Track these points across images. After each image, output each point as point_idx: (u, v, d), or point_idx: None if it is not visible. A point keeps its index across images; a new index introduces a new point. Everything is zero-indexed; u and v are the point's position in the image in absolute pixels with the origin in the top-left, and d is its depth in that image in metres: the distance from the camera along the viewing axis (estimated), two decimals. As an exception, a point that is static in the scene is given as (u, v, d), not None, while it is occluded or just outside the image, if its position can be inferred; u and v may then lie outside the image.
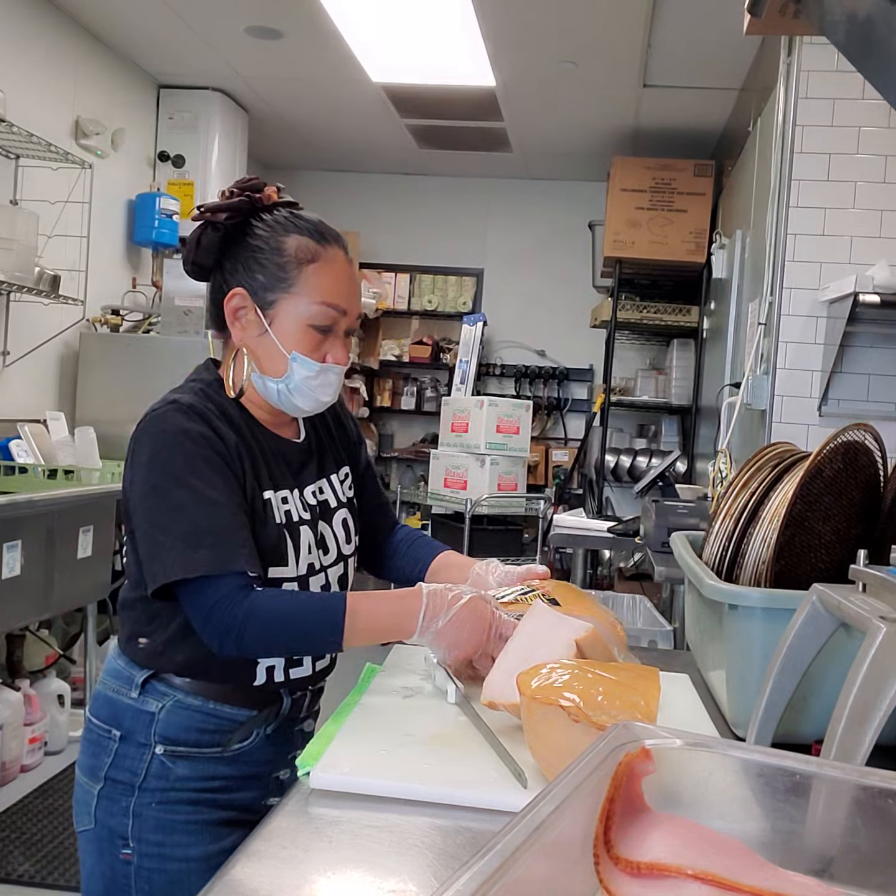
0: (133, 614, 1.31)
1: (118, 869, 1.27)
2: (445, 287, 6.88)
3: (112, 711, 1.30)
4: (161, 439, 1.24)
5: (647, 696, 0.99)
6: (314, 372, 1.30)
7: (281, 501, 1.32)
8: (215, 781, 1.30)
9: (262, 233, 1.30)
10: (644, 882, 0.57)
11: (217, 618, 1.18)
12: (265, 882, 0.82)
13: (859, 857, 0.61)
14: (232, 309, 1.32)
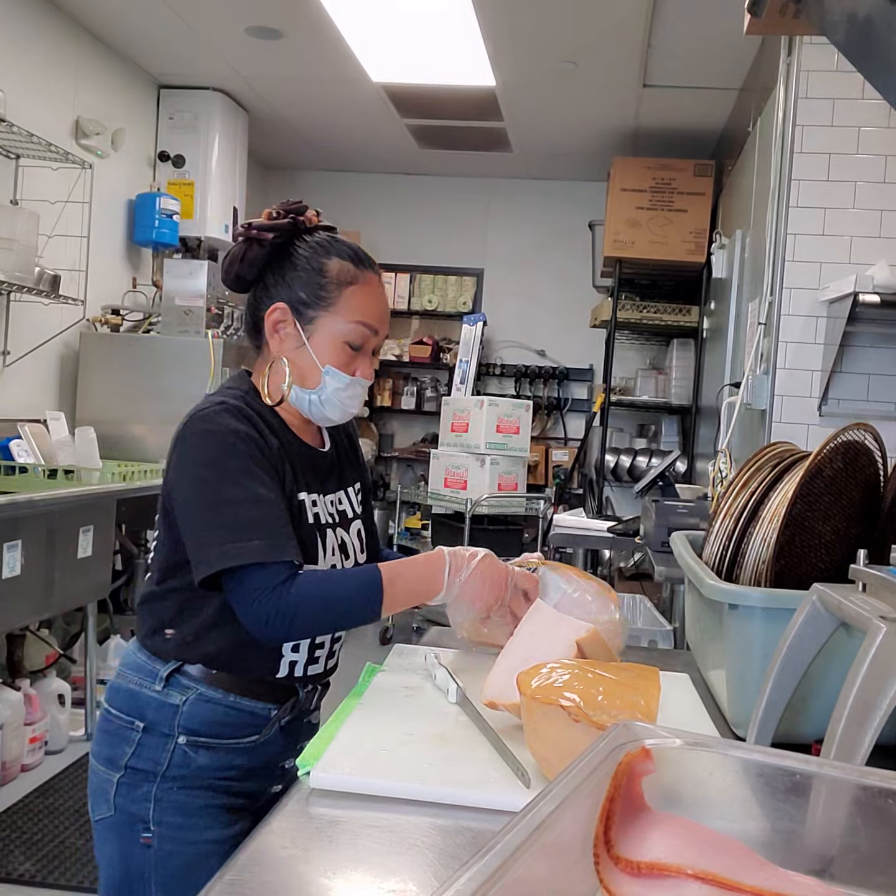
0: (160, 606, 1.36)
1: (137, 853, 1.32)
2: (445, 287, 6.88)
3: (135, 704, 1.35)
4: (212, 438, 1.29)
5: (648, 695, 0.99)
6: (345, 385, 1.39)
7: (311, 504, 1.39)
8: (232, 771, 1.36)
9: (304, 253, 1.39)
10: (644, 882, 0.57)
11: (267, 604, 1.23)
12: (266, 882, 0.82)
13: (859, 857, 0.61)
14: (273, 321, 1.40)
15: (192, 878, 1.28)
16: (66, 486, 3.62)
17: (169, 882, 1.31)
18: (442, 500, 5.14)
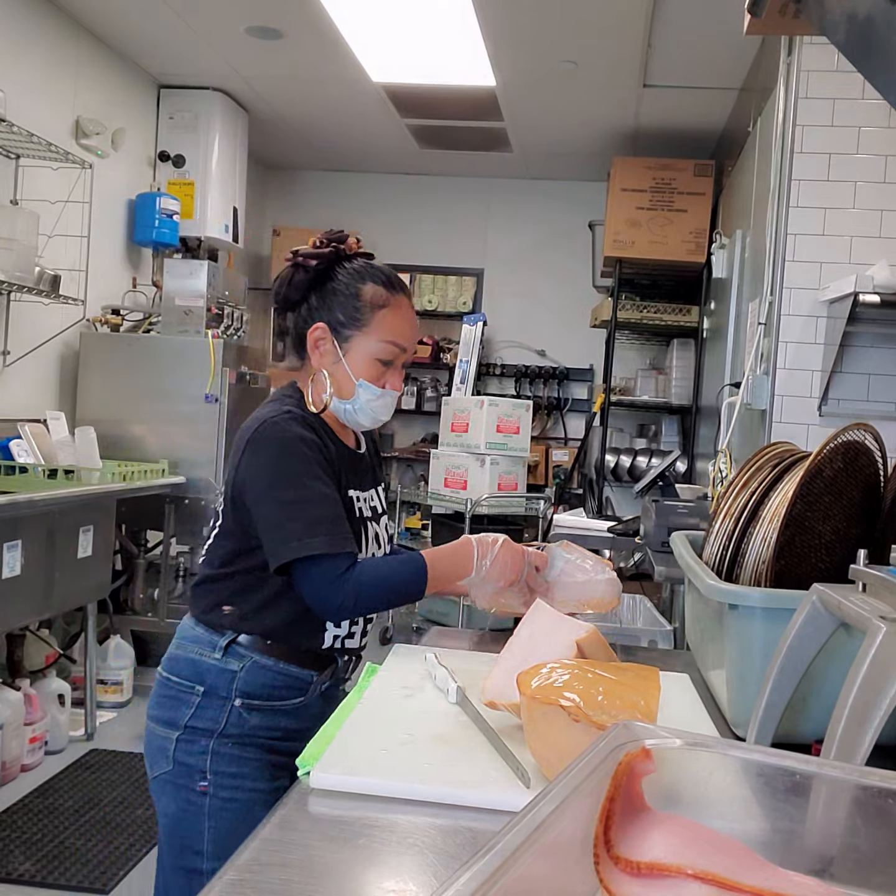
0: (220, 586, 1.55)
1: (194, 801, 1.49)
2: (445, 287, 6.89)
3: (195, 671, 1.52)
4: (282, 444, 1.48)
5: (648, 695, 0.99)
6: (376, 396, 1.59)
7: (356, 499, 1.59)
8: (278, 731, 1.54)
9: (343, 279, 1.58)
10: (644, 882, 0.57)
11: (335, 591, 1.42)
12: (265, 882, 0.82)
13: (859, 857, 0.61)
14: (314, 339, 1.58)
15: (242, 823, 1.43)
16: (66, 486, 3.62)
17: (221, 825, 1.48)
18: (442, 500, 5.14)
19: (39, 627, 3.93)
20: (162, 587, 4.39)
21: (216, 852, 1.47)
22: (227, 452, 4.34)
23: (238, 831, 1.39)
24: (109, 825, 3.04)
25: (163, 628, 4.37)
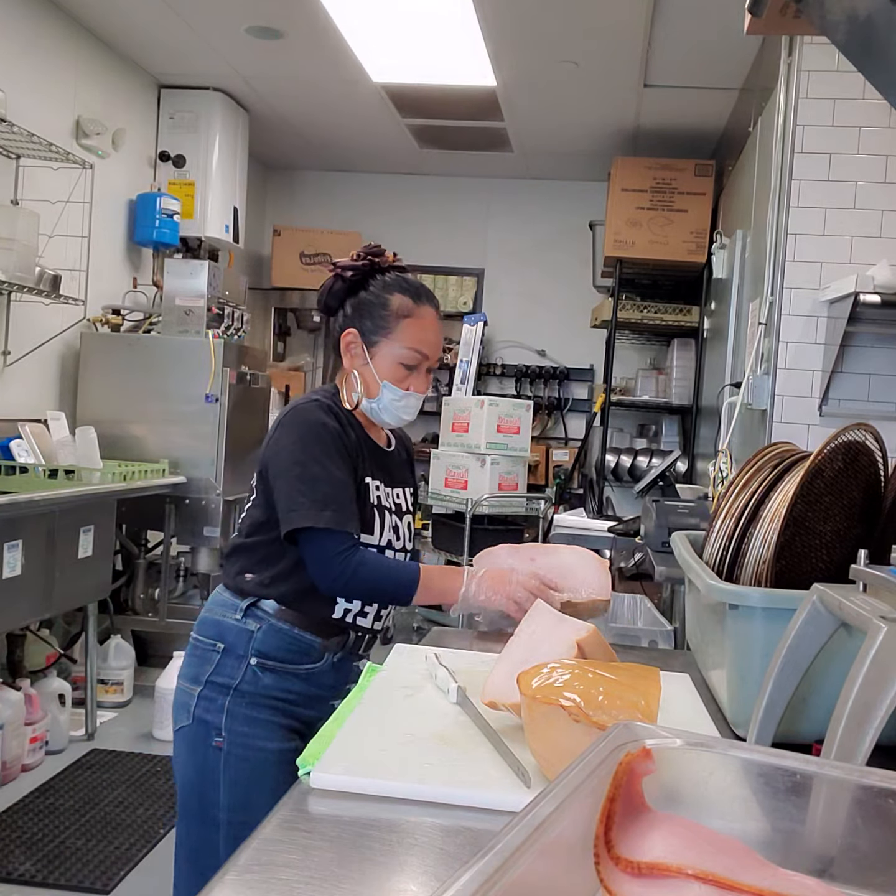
0: (245, 555, 1.71)
1: (210, 756, 1.62)
2: (446, 287, 6.88)
3: (218, 630, 1.68)
4: (306, 427, 1.65)
5: (648, 695, 0.99)
6: (399, 397, 1.74)
7: (374, 488, 1.73)
8: (290, 694, 1.67)
9: (374, 290, 1.74)
10: (645, 882, 0.57)
11: (334, 565, 1.59)
12: (265, 882, 0.82)
13: (860, 857, 0.61)
14: (346, 343, 1.76)
15: (255, 779, 1.61)
16: (67, 486, 3.62)
17: (236, 780, 1.60)
18: (442, 500, 5.14)
19: (40, 627, 3.93)
20: (162, 587, 4.39)
21: (231, 804, 1.60)
22: (227, 452, 4.36)
23: (252, 785, 1.62)
24: (110, 825, 3.04)
25: (163, 628, 4.37)
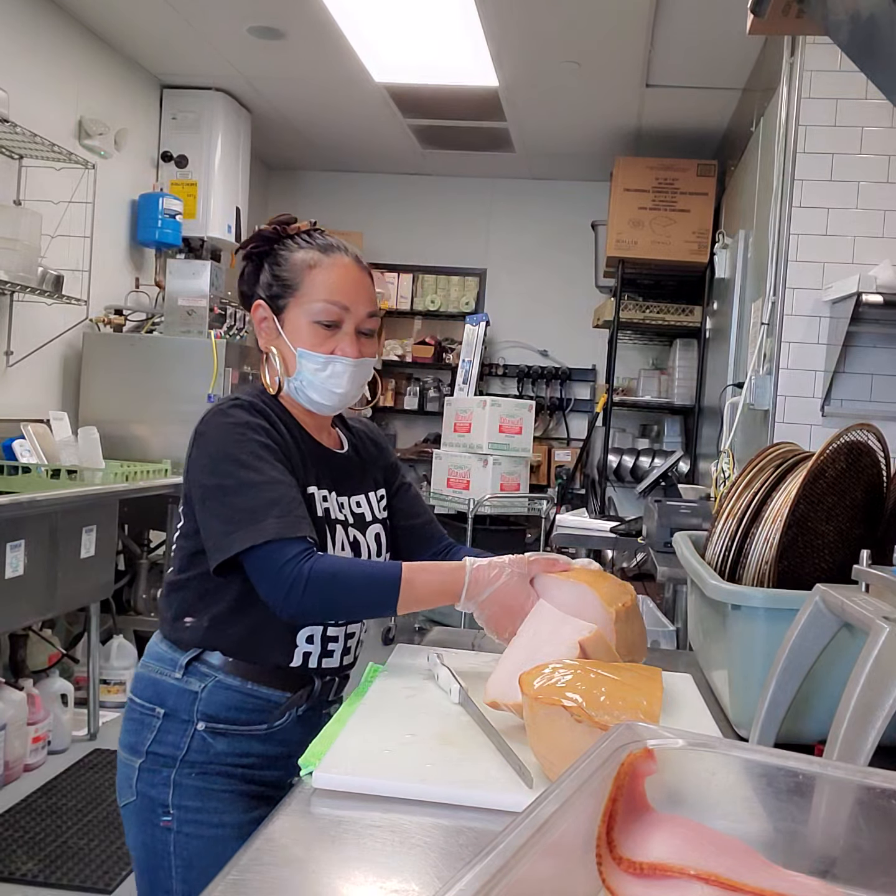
0: (182, 595, 1.42)
1: (159, 836, 1.37)
2: (448, 287, 6.88)
3: (156, 691, 1.41)
4: (226, 430, 1.36)
5: (650, 696, 0.99)
6: (320, 364, 1.42)
7: (322, 499, 1.44)
8: (249, 758, 1.41)
9: (279, 253, 1.47)
10: (647, 882, 0.57)
11: (283, 577, 1.27)
12: (268, 882, 0.82)
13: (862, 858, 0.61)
14: (257, 319, 1.48)
15: (212, 859, 1.34)
16: (69, 486, 3.62)
17: (190, 863, 1.36)
18: (444, 500, 5.14)
19: (42, 627, 3.93)
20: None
21: (185, 890, 1.36)
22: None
23: (209, 867, 1.29)
24: (112, 825, 3.05)
25: (165, 628, 4.37)
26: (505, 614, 1.32)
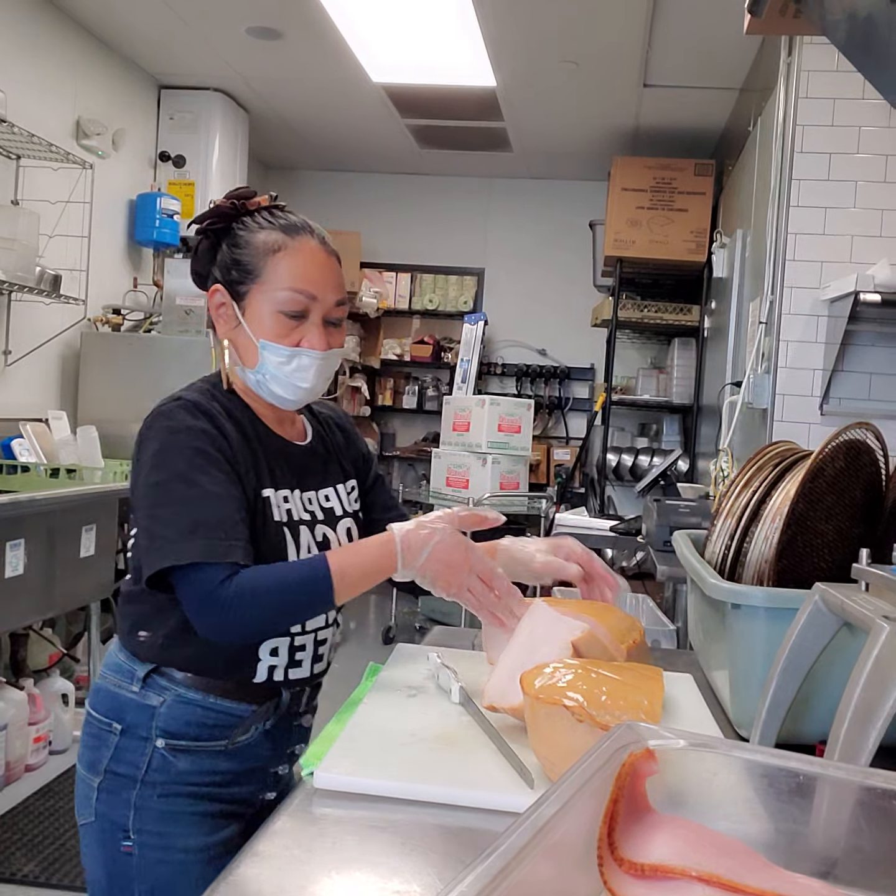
0: (135, 608, 1.33)
1: (120, 861, 1.28)
2: (446, 286, 6.88)
3: (113, 705, 1.31)
4: (166, 436, 1.27)
5: (651, 695, 0.99)
6: (285, 357, 1.32)
7: (282, 500, 1.34)
8: (216, 776, 1.31)
9: (238, 232, 1.35)
10: (648, 883, 0.57)
11: (209, 606, 1.18)
12: (269, 882, 0.82)
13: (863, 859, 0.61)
14: (214, 305, 1.37)
15: (178, 888, 1.27)
16: (69, 485, 3.62)
17: (153, 889, 1.27)
18: (444, 499, 5.14)
19: (42, 627, 3.93)
20: (164, 587, 4.39)
21: None
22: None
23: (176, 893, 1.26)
24: (112, 825, 3.04)
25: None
26: (448, 570, 1.25)
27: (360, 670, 1.41)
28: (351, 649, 5.22)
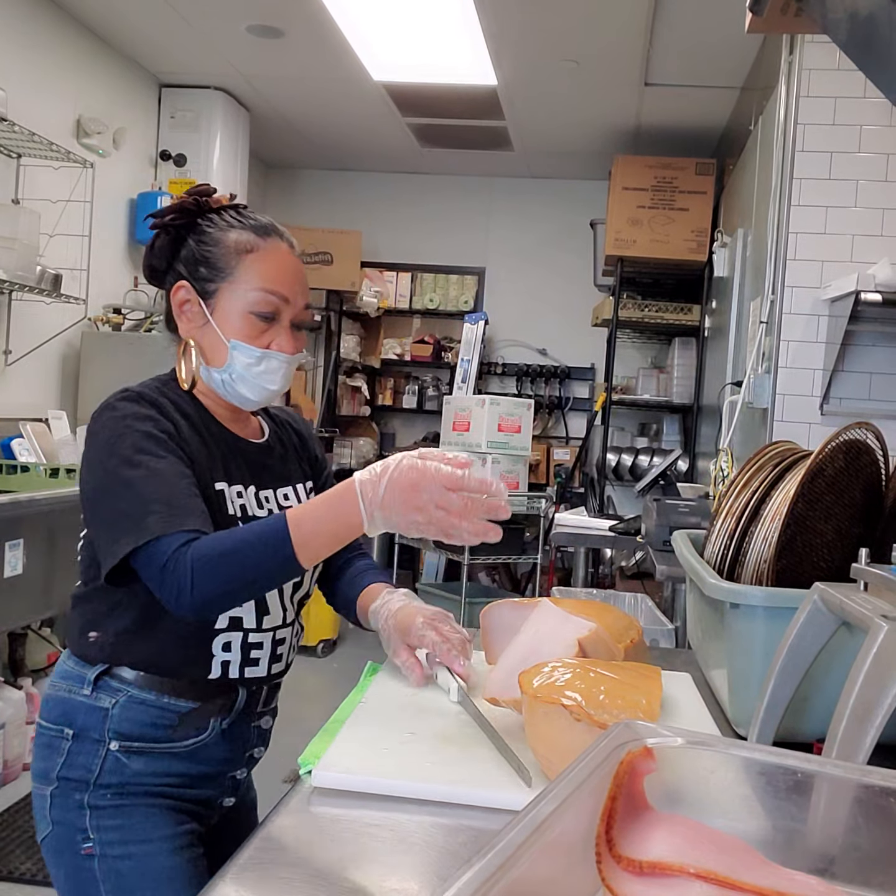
0: (86, 608, 1.31)
1: (82, 865, 1.26)
2: (447, 286, 6.88)
3: (63, 710, 1.29)
4: (110, 426, 1.25)
5: (649, 694, 0.99)
6: (255, 359, 1.32)
7: (236, 495, 1.32)
8: (171, 778, 1.29)
9: (206, 230, 1.35)
10: (646, 881, 0.57)
11: (169, 575, 1.14)
12: (267, 881, 0.82)
13: (861, 856, 0.61)
14: (178, 302, 1.35)
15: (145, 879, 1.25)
16: (68, 485, 3.62)
17: (120, 887, 1.25)
18: (443, 498, 5.13)
19: (41, 626, 3.93)
20: (163, 586, 4.38)
21: None
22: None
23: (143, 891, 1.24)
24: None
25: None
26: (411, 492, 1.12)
27: (359, 669, 1.41)
28: (350, 649, 5.23)
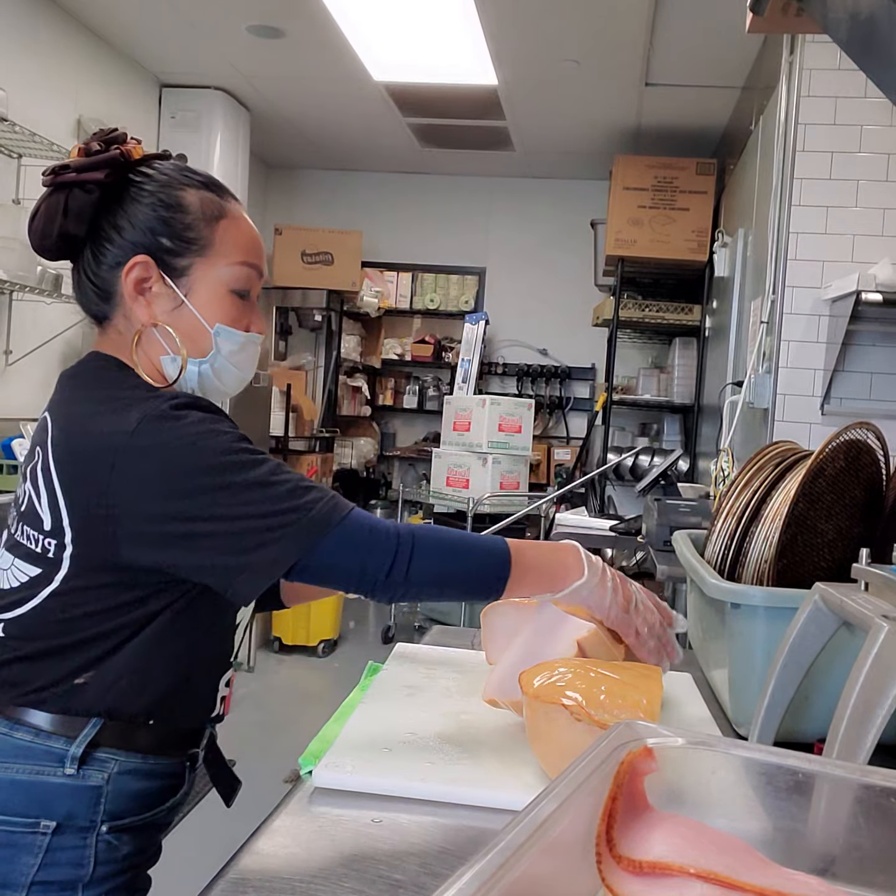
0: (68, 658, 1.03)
1: None
2: (447, 286, 6.88)
3: (33, 799, 1.01)
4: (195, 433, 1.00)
5: (650, 694, 0.99)
6: (239, 345, 1.13)
7: None
8: (151, 848, 1.14)
9: (150, 188, 1.13)
10: (647, 881, 0.57)
11: (383, 541, 0.99)
12: (267, 881, 0.82)
13: (862, 856, 0.61)
14: (134, 281, 1.09)
15: None
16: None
17: None
18: (444, 499, 5.15)
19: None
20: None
21: None
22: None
23: None
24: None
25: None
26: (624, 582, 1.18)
27: (359, 669, 1.41)
28: (350, 649, 5.23)
